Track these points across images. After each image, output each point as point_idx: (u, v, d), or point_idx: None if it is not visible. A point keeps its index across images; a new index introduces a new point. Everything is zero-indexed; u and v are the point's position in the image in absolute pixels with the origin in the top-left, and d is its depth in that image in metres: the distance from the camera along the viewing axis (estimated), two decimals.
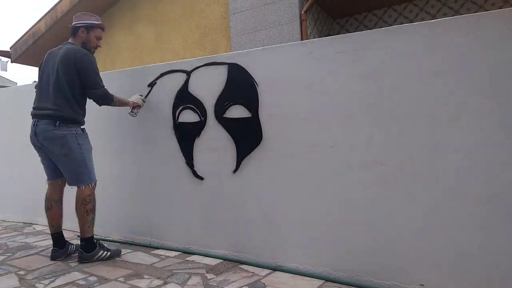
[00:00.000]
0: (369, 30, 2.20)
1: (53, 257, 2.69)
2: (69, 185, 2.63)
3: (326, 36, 5.67)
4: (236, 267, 2.48)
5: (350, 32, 2.43)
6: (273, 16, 5.08)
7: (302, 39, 4.81)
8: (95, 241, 2.68)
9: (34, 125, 2.59)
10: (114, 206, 3.25)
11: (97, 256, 2.62)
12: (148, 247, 2.99)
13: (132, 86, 3.11)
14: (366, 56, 2.11)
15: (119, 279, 2.31)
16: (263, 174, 2.47)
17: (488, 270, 1.83)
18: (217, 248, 2.69)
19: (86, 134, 2.72)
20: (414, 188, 1.99)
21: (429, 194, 1.96)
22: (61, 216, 2.78)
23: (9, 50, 7.92)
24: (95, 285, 2.23)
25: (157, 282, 2.25)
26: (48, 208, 2.75)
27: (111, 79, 3.32)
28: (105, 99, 2.65)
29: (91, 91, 2.61)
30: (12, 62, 8.03)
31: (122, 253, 2.83)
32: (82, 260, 2.61)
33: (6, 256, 2.83)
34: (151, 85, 3.00)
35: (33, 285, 2.25)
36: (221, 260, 2.60)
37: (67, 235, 3.40)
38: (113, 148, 3.25)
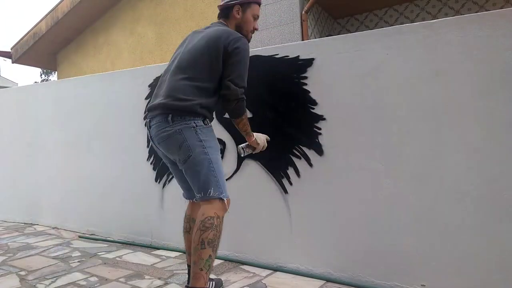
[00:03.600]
0: (369, 30, 2.20)
1: None
2: (196, 198, 1.84)
3: (327, 36, 5.67)
4: (237, 267, 2.48)
5: (351, 32, 2.43)
6: (274, 16, 5.08)
7: (302, 39, 4.81)
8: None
9: (148, 128, 1.94)
10: (115, 206, 3.25)
11: None
12: (149, 247, 2.99)
13: (133, 86, 3.11)
14: (366, 56, 2.11)
15: (120, 280, 2.31)
16: (264, 174, 2.47)
17: (489, 270, 1.82)
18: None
19: (211, 127, 1.92)
20: (415, 188, 1.99)
21: (430, 194, 1.95)
22: None
23: (10, 50, 7.94)
24: (96, 285, 2.23)
25: (158, 282, 2.25)
26: (186, 230, 2.08)
27: (112, 79, 3.33)
28: (238, 105, 1.85)
29: (229, 85, 1.82)
30: (13, 62, 8.05)
31: (122, 254, 2.83)
32: None
33: (7, 257, 2.83)
34: (152, 85, 3.00)
35: (34, 285, 2.25)
36: (222, 261, 2.60)
37: (67, 235, 3.42)
38: (113, 148, 3.26)
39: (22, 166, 3.99)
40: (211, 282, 1.99)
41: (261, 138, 2.09)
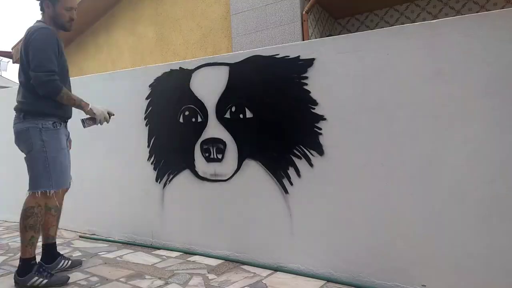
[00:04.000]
0: (370, 31, 2.20)
1: None
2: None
3: (327, 36, 5.67)
4: (237, 267, 2.48)
5: (352, 33, 2.43)
6: (275, 16, 5.09)
7: (303, 39, 4.81)
8: (35, 263, 2.24)
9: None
10: (116, 206, 3.26)
11: (30, 283, 2.16)
12: (150, 247, 2.99)
13: (133, 86, 3.12)
14: (367, 56, 2.11)
15: (120, 279, 2.31)
16: (264, 174, 2.47)
17: (490, 270, 1.82)
18: (219, 248, 2.69)
19: (58, 130, 2.26)
20: (415, 188, 1.99)
21: (430, 195, 1.95)
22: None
23: (10, 50, 7.94)
24: (96, 285, 2.23)
25: (159, 282, 2.25)
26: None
27: (112, 79, 3.33)
28: (47, 86, 2.13)
29: (32, 74, 2.12)
30: (14, 62, 8.05)
31: (123, 254, 2.83)
32: (15, 284, 2.20)
33: (7, 257, 2.83)
34: (152, 85, 3.00)
35: None
36: (223, 261, 2.60)
37: (68, 235, 3.42)
38: (114, 148, 3.26)
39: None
40: (42, 280, 2.20)
41: (98, 109, 2.32)
